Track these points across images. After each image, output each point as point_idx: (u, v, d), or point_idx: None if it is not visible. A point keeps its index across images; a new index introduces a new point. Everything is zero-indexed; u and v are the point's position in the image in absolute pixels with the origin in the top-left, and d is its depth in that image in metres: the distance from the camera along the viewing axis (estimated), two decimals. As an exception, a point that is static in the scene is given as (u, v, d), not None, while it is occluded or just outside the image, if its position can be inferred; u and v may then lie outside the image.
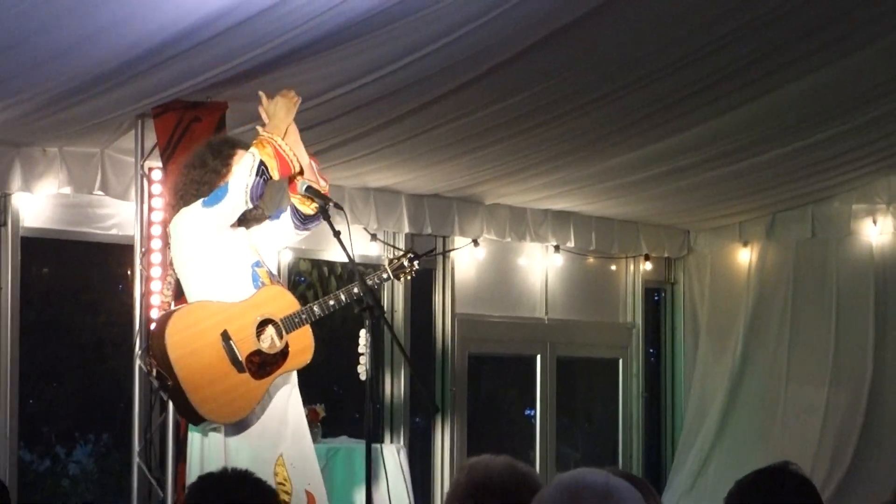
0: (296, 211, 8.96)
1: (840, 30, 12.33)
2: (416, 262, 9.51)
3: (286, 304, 8.93)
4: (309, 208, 8.92)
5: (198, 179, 8.86)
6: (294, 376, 9.06)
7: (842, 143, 14.82)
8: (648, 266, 17.19)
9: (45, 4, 8.90)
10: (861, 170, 15.97)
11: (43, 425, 15.69)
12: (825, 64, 12.85)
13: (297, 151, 8.96)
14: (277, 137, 8.72)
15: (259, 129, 8.94)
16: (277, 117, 8.83)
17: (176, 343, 8.70)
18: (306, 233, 9.23)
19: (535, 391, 16.20)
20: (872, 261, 16.56)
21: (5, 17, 8.54)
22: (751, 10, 11.52)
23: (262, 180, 8.51)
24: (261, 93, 9.07)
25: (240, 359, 8.65)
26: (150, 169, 11.11)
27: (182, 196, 8.87)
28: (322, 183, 9.10)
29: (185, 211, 8.74)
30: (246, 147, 8.78)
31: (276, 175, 8.60)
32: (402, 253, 9.59)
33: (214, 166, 8.82)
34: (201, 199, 8.68)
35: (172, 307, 9.71)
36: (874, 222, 16.61)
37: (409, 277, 9.77)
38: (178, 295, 9.71)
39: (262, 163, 8.51)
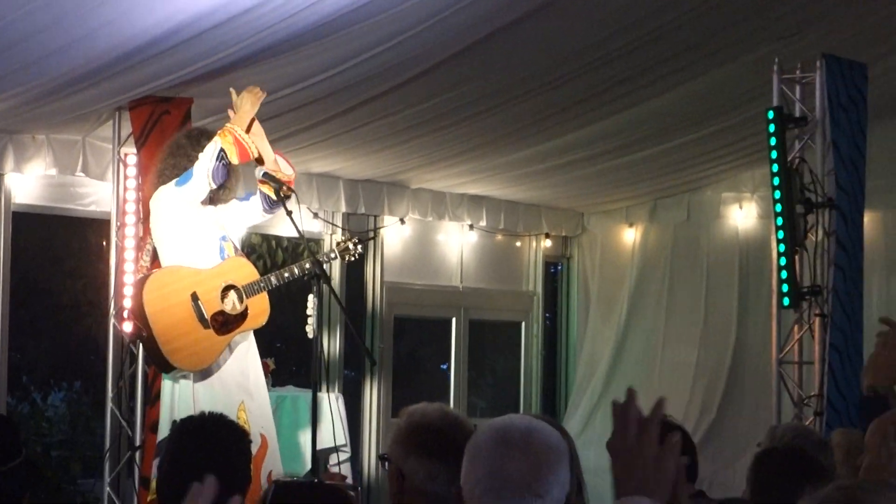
0: (265, 196, 9.07)
1: (712, 47, 12.41)
2: (359, 246, 9.64)
3: (247, 273, 9.05)
4: (272, 194, 8.99)
5: (173, 164, 8.97)
6: (251, 335, 9.14)
7: (713, 141, 14.93)
8: (548, 243, 17.21)
9: (39, 11, 8.82)
10: (730, 164, 16.06)
11: (23, 374, 15.60)
12: (700, 74, 12.95)
13: (260, 144, 9.04)
14: (238, 127, 8.76)
15: (229, 119, 9.03)
16: (243, 110, 8.94)
17: (151, 300, 8.77)
18: (272, 215, 9.28)
19: (449, 349, 16.21)
20: (738, 241, 16.66)
21: (2, 23, 8.47)
22: (637, 29, 11.58)
23: (221, 164, 8.64)
24: (231, 89, 9.14)
25: (206, 317, 8.74)
26: (126, 154, 11.08)
27: (160, 177, 9.05)
28: (290, 171, 9.22)
29: (162, 189, 8.91)
30: (216, 135, 8.86)
31: (234, 160, 8.69)
32: (348, 237, 9.69)
33: (188, 153, 8.89)
34: (174, 180, 8.75)
35: (148, 272, 9.69)
36: (740, 208, 16.71)
37: (353, 258, 9.88)
38: (154, 260, 9.71)
39: (222, 149, 8.60)
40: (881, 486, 3.27)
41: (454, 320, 16.06)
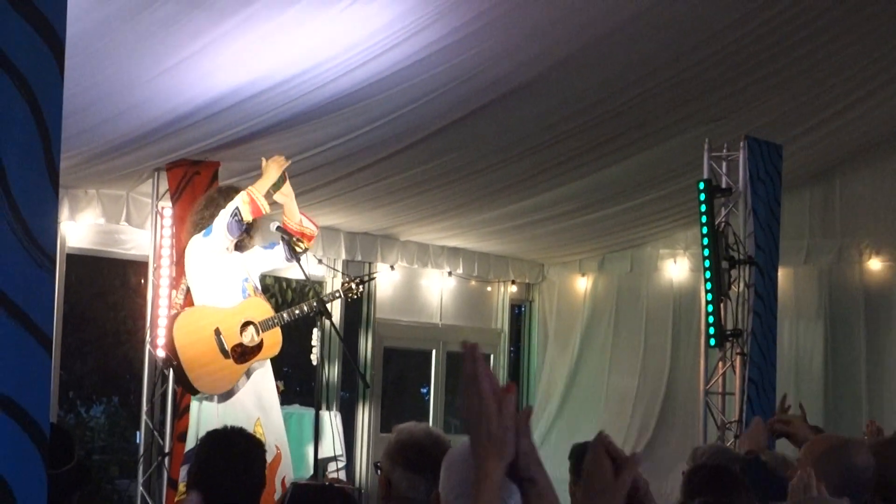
0: (289, 248, 9.08)
1: (654, 127, 12.50)
2: (360, 287, 9.71)
3: (264, 311, 9.10)
4: (298, 247, 9.13)
5: (209, 214, 8.99)
6: (268, 362, 9.17)
7: (653, 205, 14.98)
8: (514, 289, 17.22)
9: (93, 87, 8.91)
10: (666, 225, 16.13)
11: (70, 390, 15.57)
12: (644, 150, 13.03)
13: (289, 203, 9.19)
14: (256, 189, 8.84)
15: (251, 181, 9.16)
16: (267, 174, 9.04)
17: (180, 335, 8.82)
18: (294, 264, 9.32)
19: (430, 375, 16.20)
20: (672, 290, 16.66)
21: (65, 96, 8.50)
22: (591, 111, 11.69)
23: (235, 220, 8.72)
24: (262, 158, 9.24)
25: (226, 349, 8.78)
26: (162, 208, 11.14)
27: (196, 227, 9.10)
28: (312, 227, 9.36)
29: (194, 239, 8.99)
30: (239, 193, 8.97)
31: (248, 217, 8.74)
32: (351, 278, 9.77)
33: (219, 204, 8.97)
34: (202, 231, 8.83)
35: (181, 309, 9.77)
36: (675, 262, 16.71)
37: (355, 297, 9.96)
38: (187, 297, 9.79)
39: (236, 208, 8.64)
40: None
41: (434, 352, 16.06)
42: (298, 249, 9.14)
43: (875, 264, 15.64)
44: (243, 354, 8.87)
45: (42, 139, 3.08)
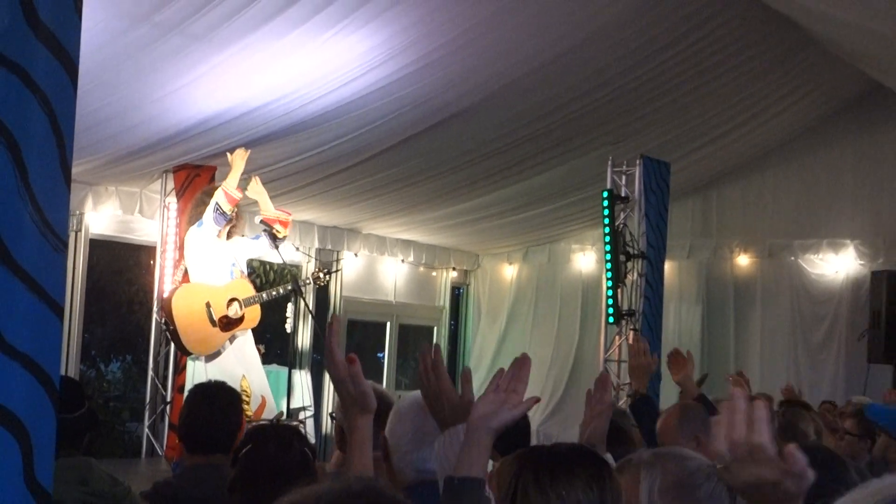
0: (271, 237, 9.03)
1: (568, 146, 12.57)
2: (327, 276, 9.74)
3: (247, 290, 9.11)
4: (277, 234, 9.08)
5: (197, 213, 8.96)
6: (249, 332, 9.16)
7: (567, 209, 15.03)
8: (454, 274, 17.19)
9: (114, 103, 8.89)
10: (577, 225, 16.17)
11: (92, 350, 15.47)
12: (560, 164, 13.09)
13: (261, 197, 9.12)
14: (228, 183, 8.85)
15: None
16: (235, 167, 8.98)
17: (177, 306, 8.81)
18: (275, 251, 9.28)
19: (385, 343, 16.18)
20: (581, 277, 16.69)
21: (87, 112, 8.46)
22: (519, 132, 11.73)
23: (217, 214, 8.72)
24: (227, 152, 9.20)
25: (214, 319, 8.78)
26: (169, 203, 11.08)
27: (190, 221, 9.05)
28: (285, 214, 9.24)
29: (191, 230, 8.92)
30: None
31: (226, 208, 8.78)
32: (320, 268, 9.79)
33: (204, 202, 8.95)
34: (196, 224, 8.81)
35: (178, 284, 9.72)
36: (583, 255, 16.78)
37: (323, 284, 9.99)
38: (184, 276, 9.74)
39: (217, 203, 8.63)
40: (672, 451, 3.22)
41: (388, 324, 16.03)
42: (279, 237, 9.10)
43: (743, 259, 15.76)
44: (228, 324, 8.88)
45: (58, 147, 3.05)
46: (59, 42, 2.96)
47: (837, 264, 15.09)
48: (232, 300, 8.93)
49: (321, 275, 9.77)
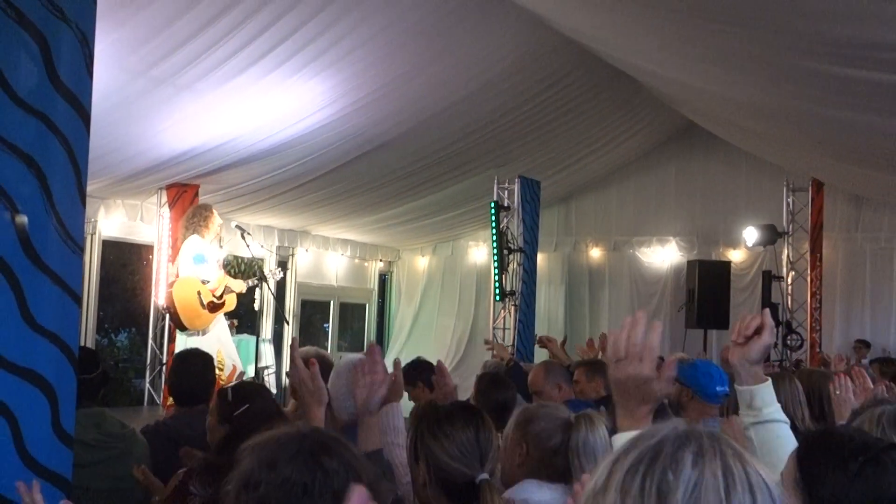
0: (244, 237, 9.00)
1: (463, 169, 12.57)
2: (279, 273, 9.71)
3: (226, 283, 8.91)
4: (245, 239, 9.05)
5: (188, 224, 8.82)
6: (223, 316, 9.02)
7: (466, 215, 14.99)
8: (381, 264, 17.09)
9: (118, 139, 8.72)
10: (472, 227, 16.13)
11: (105, 324, 15.20)
12: (458, 182, 13.07)
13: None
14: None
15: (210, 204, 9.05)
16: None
17: (176, 294, 8.68)
18: (246, 249, 9.16)
19: (329, 317, 16.06)
20: (476, 266, 16.63)
21: (99, 145, 8.30)
22: (426, 158, 11.72)
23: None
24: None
25: (203, 304, 8.62)
26: (163, 212, 10.84)
27: (185, 231, 8.86)
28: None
29: (189, 239, 8.77)
30: (211, 211, 8.83)
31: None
32: (273, 268, 9.74)
33: (195, 221, 8.78)
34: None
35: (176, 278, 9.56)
36: (478, 249, 16.76)
37: (276, 278, 9.90)
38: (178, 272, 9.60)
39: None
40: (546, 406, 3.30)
41: (332, 302, 15.92)
42: (247, 242, 9.05)
43: (595, 252, 15.94)
44: (214, 308, 8.75)
45: (75, 175, 3.04)
46: (75, 95, 2.96)
47: (663, 255, 15.36)
48: (215, 289, 8.86)
49: (277, 271, 9.83)
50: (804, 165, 13.01)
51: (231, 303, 8.90)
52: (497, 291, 12.36)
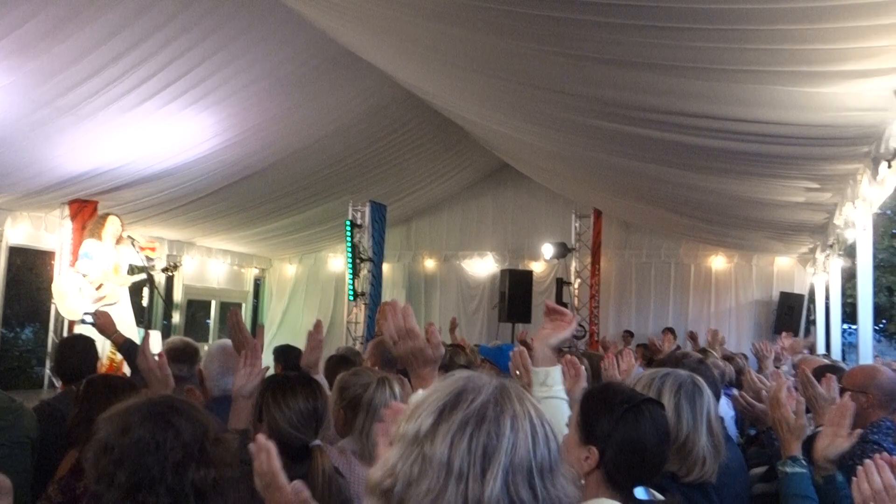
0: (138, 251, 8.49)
1: (324, 194, 12.40)
2: (174, 269, 9.34)
3: (107, 278, 8.46)
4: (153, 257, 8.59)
5: (91, 229, 8.36)
6: (128, 303, 8.61)
7: (327, 231, 14.64)
8: (256, 270, 16.64)
9: (24, 161, 8.14)
10: (332, 241, 15.82)
11: (12, 320, 14.20)
12: (318, 206, 12.89)
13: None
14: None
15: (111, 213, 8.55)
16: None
17: (55, 285, 8.28)
18: (140, 258, 8.66)
19: (210, 314, 15.48)
20: (335, 273, 16.26)
21: (6, 164, 7.76)
22: (296, 184, 11.48)
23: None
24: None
25: (84, 294, 8.18)
26: (64, 223, 10.19)
27: (86, 235, 8.38)
28: (152, 245, 8.72)
29: (86, 241, 8.27)
30: (106, 218, 8.41)
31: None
32: (165, 268, 9.30)
33: (94, 227, 8.34)
34: (91, 237, 8.22)
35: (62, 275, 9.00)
36: (336, 259, 16.40)
37: (171, 274, 9.51)
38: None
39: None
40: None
41: (213, 302, 15.41)
42: (152, 258, 8.60)
43: (430, 263, 16.02)
44: (101, 300, 8.30)
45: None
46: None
47: (483, 266, 15.65)
48: (101, 286, 8.38)
49: (170, 266, 9.38)
50: (588, 198, 13.58)
51: (112, 296, 8.44)
52: (351, 293, 12.29)
